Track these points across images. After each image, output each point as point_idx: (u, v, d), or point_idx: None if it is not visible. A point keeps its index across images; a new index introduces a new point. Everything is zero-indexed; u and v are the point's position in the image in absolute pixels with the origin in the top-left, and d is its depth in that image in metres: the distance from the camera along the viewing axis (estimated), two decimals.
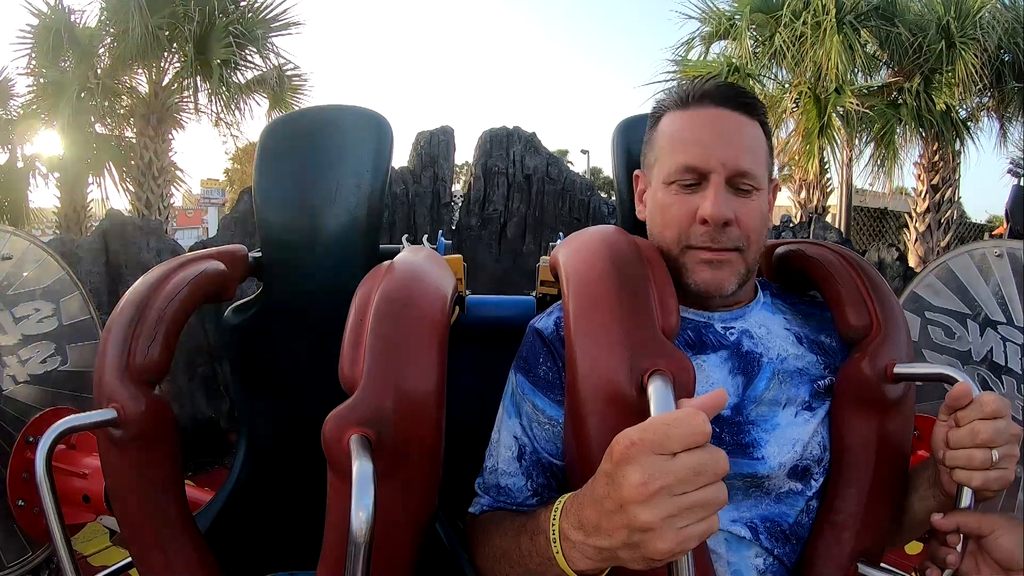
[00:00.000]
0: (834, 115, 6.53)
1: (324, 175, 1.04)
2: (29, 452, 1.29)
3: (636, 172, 0.89)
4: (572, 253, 0.80)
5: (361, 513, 0.57)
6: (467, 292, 1.19)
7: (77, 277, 2.33)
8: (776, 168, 0.88)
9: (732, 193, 0.76)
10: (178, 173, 7.63)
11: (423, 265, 0.85)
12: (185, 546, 0.83)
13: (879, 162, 6.82)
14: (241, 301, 1.07)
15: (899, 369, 0.74)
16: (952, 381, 0.69)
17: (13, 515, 1.29)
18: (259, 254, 1.06)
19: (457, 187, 5.03)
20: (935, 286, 1.30)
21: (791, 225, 4.09)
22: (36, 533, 1.31)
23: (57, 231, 7.35)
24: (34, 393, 1.35)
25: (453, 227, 4.61)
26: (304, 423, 0.83)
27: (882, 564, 0.77)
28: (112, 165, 7.34)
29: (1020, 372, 1.18)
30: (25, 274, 1.38)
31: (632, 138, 1.02)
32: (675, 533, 0.48)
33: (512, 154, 4.63)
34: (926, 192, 6.94)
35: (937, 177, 6.87)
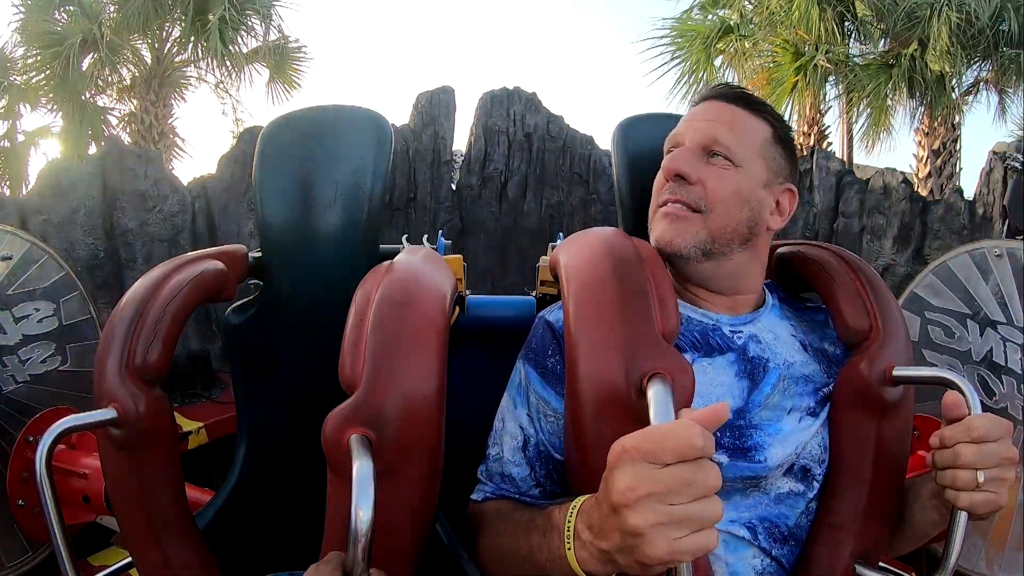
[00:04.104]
0: (812, 72, 6.55)
1: (324, 175, 1.04)
2: (29, 452, 1.29)
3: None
4: (572, 254, 0.81)
5: (361, 513, 0.57)
6: (467, 292, 1.19)
7: (73, 202, 2.34)
8: (788, 171, 0.89)
9: (704, 161, 0.80)
10: (178, 142, 7.66)
11: (423, 265, 0.85)
12: (185, 546, 0.83)
13: (871, 120, 6.81)
14: (241, 301, 1.07)
15: (898, 372, 0.74)
16: (951, 385, 0.69)
17: (13, 515, 1.29)
18: (259, 254, 1.06)
19: (459, 147, 5.03)
20: (935, 286, 1.30)
21: None
22: (36, 533, 1.31)
23: None
24: (34, 393, 1.35)
25: (454, 186, 4.63)
26: (304, 423, 0.83)
27: (880, 564, 0.77)
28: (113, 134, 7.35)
29: (1020, 372, 1.18)
30: (25, 274, 1.38)
31: (632, 138, 1.02)
32: (667, 542, 0.48)
33: (512, 114, 4.66)
34: (927, 157, 6.90)
35: (937, 142, 6.83)
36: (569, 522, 0.60)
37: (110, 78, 7.23)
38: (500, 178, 4.61)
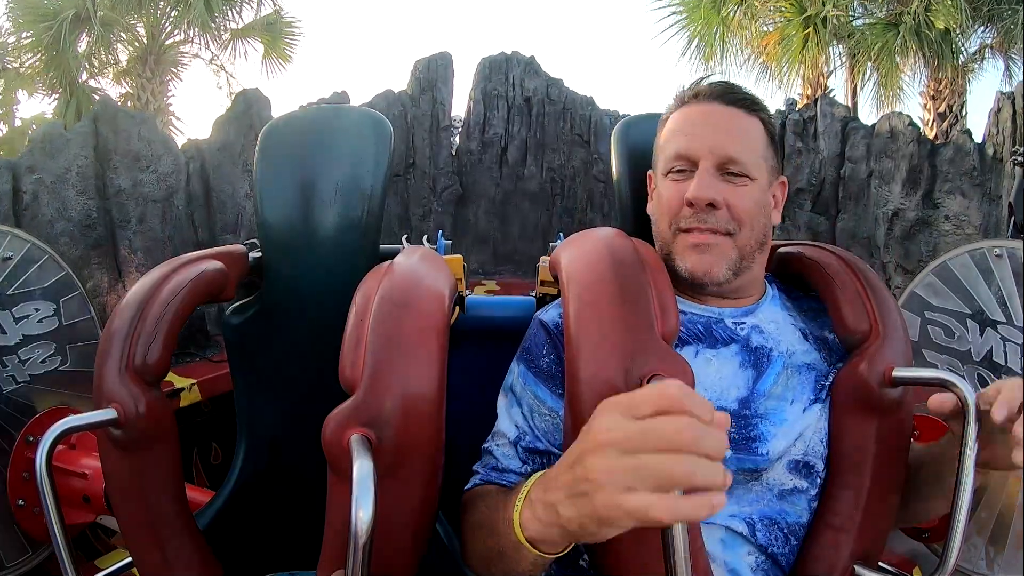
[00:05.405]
0: (821, 27, 6.51)
1: (324, 175, 1.04)
2: (29, 452, 1.29)
3: (649, 172, 0.92)
4: (573, 255, 0.81)
5: (361, 513, 0.57)
6: (467, 292, 1.19)
7: (66, 162, 2.30)
8: (779, 164, 0.91)
9: (722, 180, 0.78)
10: (174, 121, 7.77)
11: (423, 265, 0.85)
12: (185, 546, 0.83)
13: (881, 80, 6.76)
14: (241, 301, 1.07)
15: (898, 373, 0.74)
16: (950, 386, 0.69)
17: (13, 515, 1.29)
18: (259, 254, 1.06)
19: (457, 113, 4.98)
20: (935, 286, 1.30)
21: (796, 108, 3.92)
22: (36, 533, 1.31)
23: None
24: (34, 393, 1.35)
25: (453, 152, 4.60)
26: (304, 423, 0.83)
27: (880, 564, 0.77)
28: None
29: (1020, 372, 1.18)
30: (25, 274, 1.38)
31: (632, 138, 1.02)
32: (615, 490, 0.46)
33: (511, 78, 4.65)
34: (933, 120, 6.85)
35: (943, 105, 6.78)
36: (527, 484, 0.60)
37: (106, 58, 7.21)
38: (500, 143, 4.59)
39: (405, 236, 1.21)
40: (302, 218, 1.03)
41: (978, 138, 3.37)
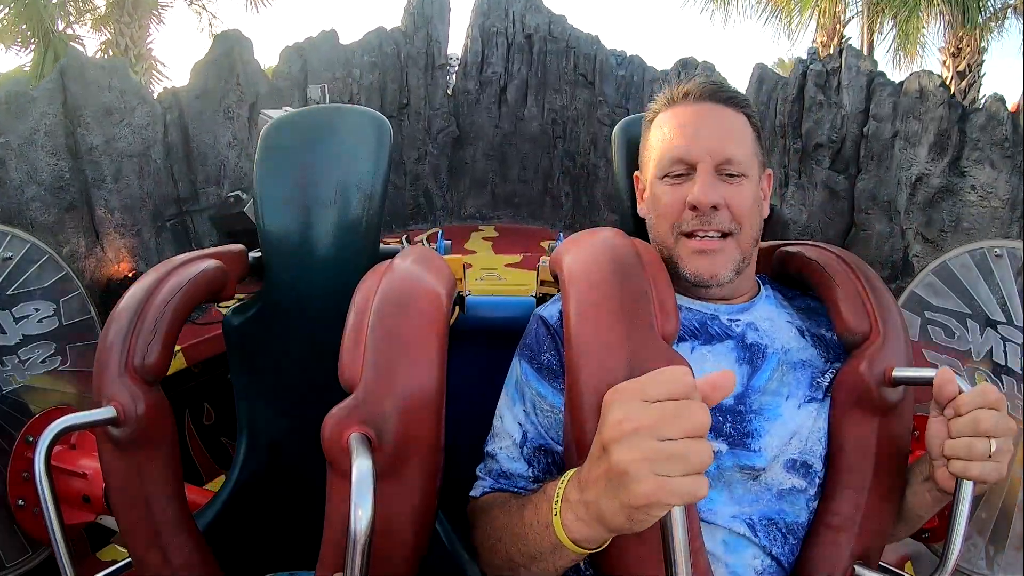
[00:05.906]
0: None
1: (324, 175, 1.04)
2: (29, 452, 1.29)
3: (636, 174, 0.92)
4: (574, 255, 0.81)
5: (360, 512, 0.57)
6: (467, 292, 1.19)
7: (32, 122, 2.16)
8: (765, 156, 0.94)
9: (720, 180, 0.79)
10: (158, 65, 7.49)
11: (422, 265, 0.86)
12: (184, 545, 0.83)
13: (901, 37, 6.64)
14: (241, 302, 1.07)
15: (898, 373, 0.74)
16: None
17: (13, 515, 1.29)
18: (259, 254, 1.06)
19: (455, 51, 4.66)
20: (935, 286, 1.30)
21: (819, 58, 3.65)
22: (36, 533, 1.31)
23: None
24: (34, 393, 1.36)
25: (449, 91, 4.40)
26: (304, 423, 0.83)
27: (881, 563, 0.77)
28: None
29: (1020, 372, 1.18)
30: (25, 274, 1.38)
31: (633, 138, 1.02)
32: (654, 479, 0.48)
33: (511, 14, 4.43)
34: (952, 78, 6.77)
35: (963, 63, 6.71)
36: (560, 487, 0.60)
37: (83, 5, 6.87)
38: (499, 82, 4.38)
39: (405, 236, 1.21)
40: (302, 218, 1.03)
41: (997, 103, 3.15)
